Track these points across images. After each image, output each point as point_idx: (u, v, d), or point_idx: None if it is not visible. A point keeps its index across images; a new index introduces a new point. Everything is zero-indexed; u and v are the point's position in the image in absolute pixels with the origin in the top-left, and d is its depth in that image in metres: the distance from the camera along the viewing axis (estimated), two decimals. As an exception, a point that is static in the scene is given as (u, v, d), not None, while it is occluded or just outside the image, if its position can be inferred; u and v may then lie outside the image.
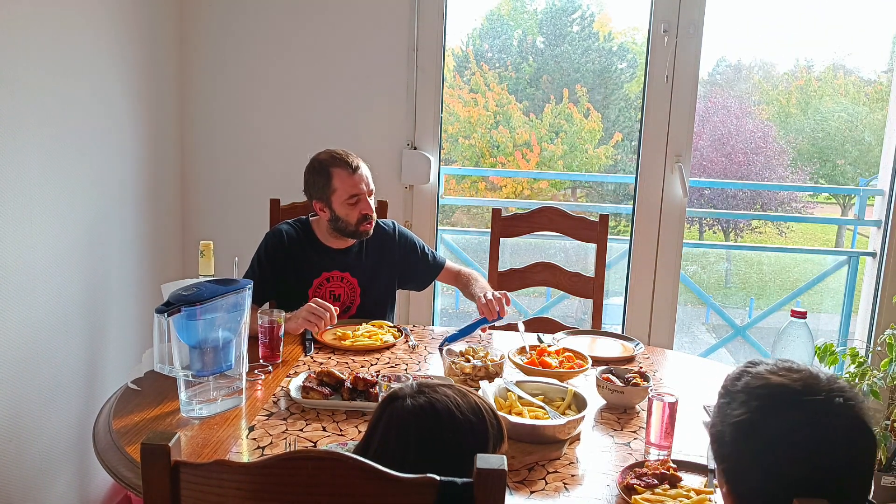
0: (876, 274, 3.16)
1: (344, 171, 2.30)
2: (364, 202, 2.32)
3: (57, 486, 2.37)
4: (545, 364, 1.95)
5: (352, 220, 2.32)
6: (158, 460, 1.00)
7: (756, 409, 1.00)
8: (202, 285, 1.65)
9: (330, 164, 2.32)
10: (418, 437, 1.11)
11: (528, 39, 5.98)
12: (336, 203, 2.31)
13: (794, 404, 0.98)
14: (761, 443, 0.99)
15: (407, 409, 1.13)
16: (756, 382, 1.02)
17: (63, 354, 2.34)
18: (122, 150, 2.67)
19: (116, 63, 2.60)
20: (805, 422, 0.97)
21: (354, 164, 2.31)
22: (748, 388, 1.03)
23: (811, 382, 0.99)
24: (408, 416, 1.12)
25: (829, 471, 0.97)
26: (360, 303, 2.43)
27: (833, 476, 0.97)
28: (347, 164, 2.30)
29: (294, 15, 3.03)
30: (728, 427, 1.03)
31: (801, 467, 0.96)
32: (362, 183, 2.31)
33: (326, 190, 2.31)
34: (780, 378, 1.01)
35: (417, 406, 1.13)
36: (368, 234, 2.37)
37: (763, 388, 1.01)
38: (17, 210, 2.08)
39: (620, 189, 5.30)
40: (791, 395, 0.99)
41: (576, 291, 2.72)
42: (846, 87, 6.79)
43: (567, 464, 1.54)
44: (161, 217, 3.00)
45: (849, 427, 0.97)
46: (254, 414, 1.70)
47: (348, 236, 2.37)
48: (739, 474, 1.02)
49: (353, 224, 2.32)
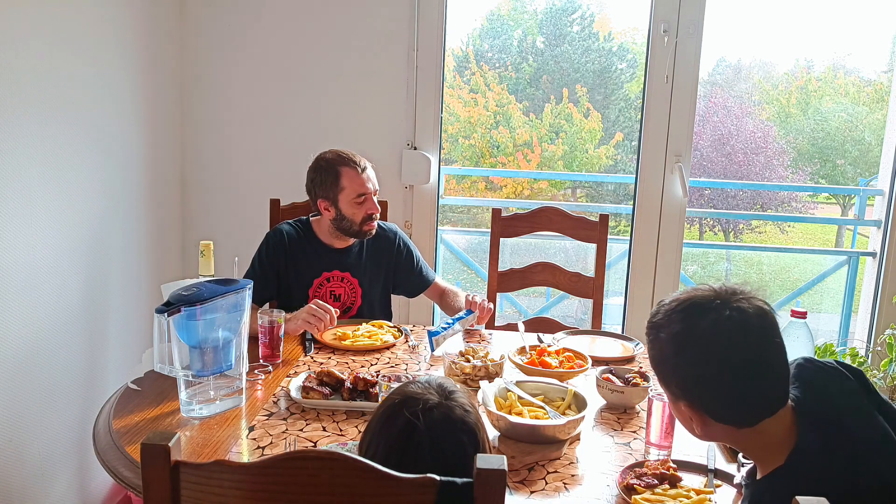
0: (876, 274, 3.16)
1: (352, 170, 2.32)
2: (371, 201, 2.33)
3: (57, 486, 2.37)
4: (545, 364, 1.95)
5: (357, 219, 2.33)
6: (158, 460, 1.00)
7: (684, 318, 1.18)
8: (202, 285, 1.65)
9: (338, 164, 2.33)
10: (438, 450, 1.09)
11: (528, 39, 5.99)
12: (343, 202, 2.32)
13: (713, 306, 1.17)
14: (699, 343, 1.17)
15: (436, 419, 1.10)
16: (676, 303, 1.21)
17: (63, 354, 2.34)
18: (122, 151, 2.67)
19: (117, 63, 2.60)
20: (726, 315, 1.16)
21: (362, 165, 2.34)
22: (671, 310, 1.21)
23: (723, 289, 1.20)
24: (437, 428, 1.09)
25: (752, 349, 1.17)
26: (361, 303, 2.43)
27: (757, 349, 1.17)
28: (356, 163, 2.33)
29: (294, 15, 3.03)
30: (667, 345, 1.20)
31: (737, 352, 1.16)
32: (370, 182, 2.34)
33: (334, 188, 2.31)
34: (697, 291, 1.21)
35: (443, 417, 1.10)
36: (371, 234, 2.38)
37: (686, 302, 1.20)
38: (17, 210, 2.08)
39: (620, 189, 5.30)
40: (711, 299, 1.18)
41: (576, 291, 2.72)
42: (846, 87, 6.79)
43: (567, 464, 1.54)
44: (161, 217, 3.00)
45: (758, 315, 1.17)
46: (254, 414, 1.70)
47: (352, 236, 2.37)
48: (690, 382, 1.19)
49: (357, 223, 2.33)
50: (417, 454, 1.08)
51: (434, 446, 1.08)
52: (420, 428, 1.08)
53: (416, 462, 1.05)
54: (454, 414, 1.11)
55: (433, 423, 1.09)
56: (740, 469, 1.50)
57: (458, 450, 1.09)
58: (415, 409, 1.10)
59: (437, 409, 1.10)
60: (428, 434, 1.08)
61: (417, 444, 1.08)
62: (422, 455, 1.07)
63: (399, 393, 1.16)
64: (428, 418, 1.09)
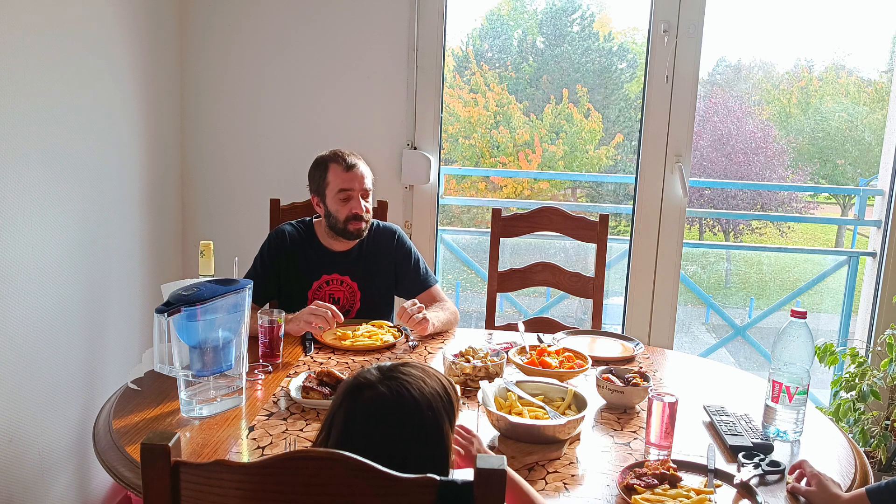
0: (876, 274, 3.16)
1: (339, 166, 2.34)
2: (355, 200, 2.33)
3: (57, 486, 2.37)
4: (545, 364, 1.95)
5: (341, 216, 2.33)
6: (158, 460, 1.00)
7: None
8: (202, 285, 1.65)
9: (329, 159, 2.36)
10: (386, 428, 1.10)
11: (528, 39, 5.99)
12: (329, 197, 2.34)
13: None
14: None
15: (377, 397, 1.10)
16: None
17: (63, 354, 2.34)
18: (122, 151, 2.67)
19: (117, 63, 2.60)
20: None
21: (351, 162, 2.34)
22: None
23: None
24: (377, 406, 1.10)
25: None
26: (360, 306, 2.43)
27: None
28: (344, 160, 2.34)
29: (294, 15, 3.03)
30: None
31: None
32: (355, 181, 2.33)
33: (322, 183, 2.35)
34: None
35: (388, 394, 1.10)
36: (360, 235, 2.38)
37: None
38: (17, 210, 2.08)
39: (620, 189, 5.30)
40: None
41: (576, 291, 2.72)
42: (846, 87, 6.79)
43: (567, 464, 1.54)
44: (161, 217, 3.00)
45: None
46: (254, 414, 1.70)
47: (339, 234, 2.37)
48: None
49: (341, 221, 2.34)
50: (351, 432, 1.10)
51: (362, 425, 1.10)
52: (354, 406, 1.11)
53: (354, 440, 1.08)
54: (386, 394, 1.11)
55: (363, 403, 1.11)
56: (740, 469, 1.50)
57: (388, 431, 1.09)
58: (352, 389, 1.13)
59: (369, 390, 1.12)
60: (360, 414, 1.11)
61: (350, 422, 1.11)
62: (353, 434, 1.10)
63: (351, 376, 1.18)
64: (358, 397, 1.11)
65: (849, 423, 2.84)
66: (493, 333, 2.39)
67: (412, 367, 1.16)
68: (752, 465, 1.51)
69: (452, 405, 1.17)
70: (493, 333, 2.39)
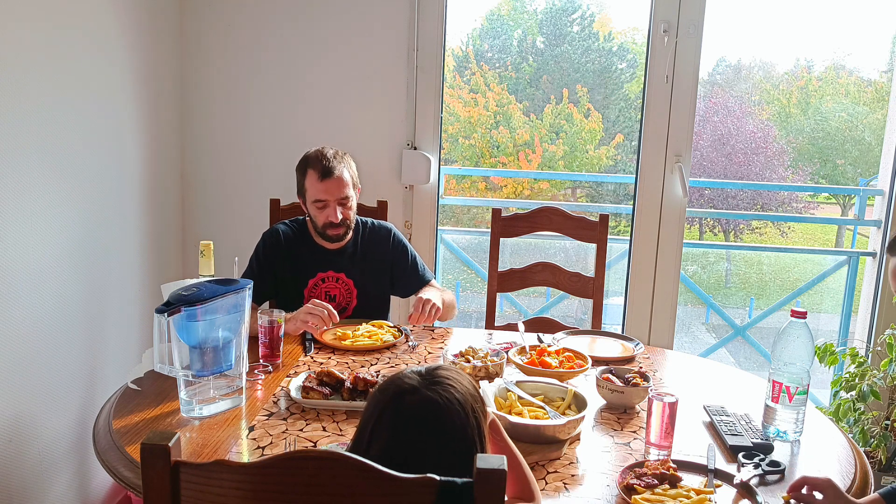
0: (876, 274, 3.16)
1: (316, 173, 2.28)
2: (330, 209, 2.30)
3: (57, 486, 2.37)
4: (545, 364, 1.95)
5: (318, 222, 2.34)
6: (158, 460, 1.00)
7: None
8: (202, 285, 1.64)
9: (308, 164, 2.32)
10: (436, 433, 1.08)
11: (528, 39, 5.99)
12: (307, 202, 2.35)
13: None
14: None
15: (425, 401, 1.08)
16: None
17: (63, 354, 2.34)
18: (122, 150, 2.67)
19: (116, 63, 2.60)
20: None
21: (328, 169, 2.27)
22: None
23: None
24: (426, 409, 1.08)
25: None
26: (357, 304, 2.43)
27: None
28: (322, 167, 2.28)
29: (294, 15, 3.03)
30: None
31: None
32: (330, 192, 2.28)
33: (301, 188, 2.36)
34: None
35: (436, 399, 1.09)
36: (339, 239, 2.37)
37: None
38: (17, 210, 2.08)
39: (620, 189, 5.30)
40: None
41: (576, 291, 2.72)
42: (846, 87, 6.80)
43: (567, 464, 1.54)
44: (161, 217, 3.00)
45: None
46: (254, 414, 1.70)
47: (320, 236, 2.38)
48: None
49: (320, 226, 2.35)
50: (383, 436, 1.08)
51: (398, 430, 1.08)
52: (396, 410, 1.09)
53: (401, 447, 1.06)
54: (435, 399, 1.09)
55: (410, 409, 1.09)
56: (740, 469, 1.50)
57: (419, 437, 1.08)
58: (393, 392, 1.11)
59: (412, 395, 1.10)
60: (407, 420, 1.09)
61: (392, 426, 1.09)
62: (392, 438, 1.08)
63: (388, 379, 1.16)
64: (402, 403, 1.09)
65: (849, 423, 2.84)
66: (493, 333, 2.39)
67: (445, 368, 1.16)
68: (752, 465, 1.51)
69: (484, 404, 1.17)
70: (493, 333, 2.39)
